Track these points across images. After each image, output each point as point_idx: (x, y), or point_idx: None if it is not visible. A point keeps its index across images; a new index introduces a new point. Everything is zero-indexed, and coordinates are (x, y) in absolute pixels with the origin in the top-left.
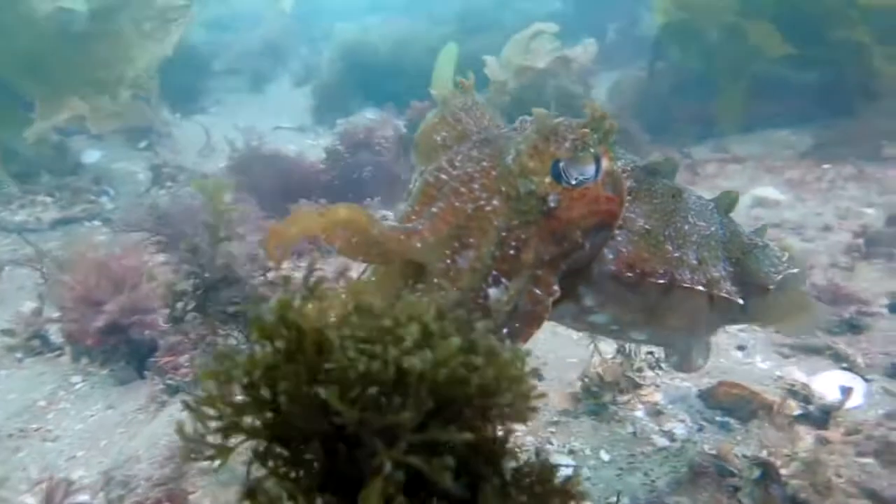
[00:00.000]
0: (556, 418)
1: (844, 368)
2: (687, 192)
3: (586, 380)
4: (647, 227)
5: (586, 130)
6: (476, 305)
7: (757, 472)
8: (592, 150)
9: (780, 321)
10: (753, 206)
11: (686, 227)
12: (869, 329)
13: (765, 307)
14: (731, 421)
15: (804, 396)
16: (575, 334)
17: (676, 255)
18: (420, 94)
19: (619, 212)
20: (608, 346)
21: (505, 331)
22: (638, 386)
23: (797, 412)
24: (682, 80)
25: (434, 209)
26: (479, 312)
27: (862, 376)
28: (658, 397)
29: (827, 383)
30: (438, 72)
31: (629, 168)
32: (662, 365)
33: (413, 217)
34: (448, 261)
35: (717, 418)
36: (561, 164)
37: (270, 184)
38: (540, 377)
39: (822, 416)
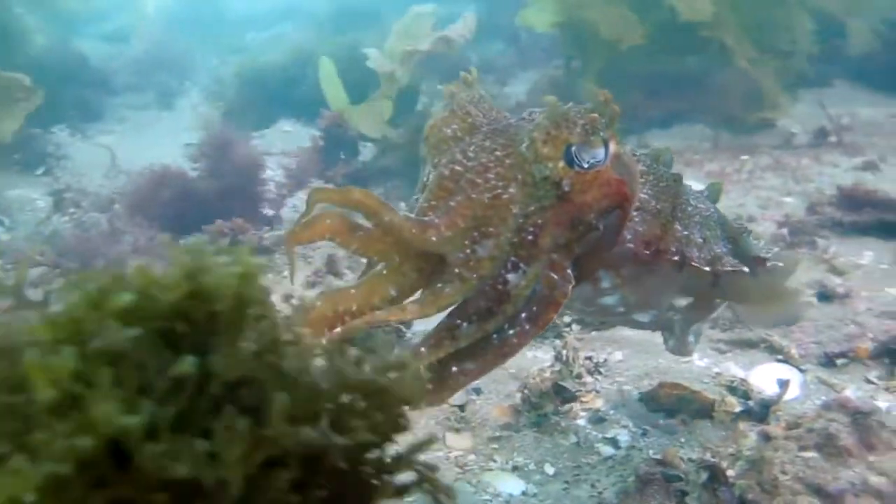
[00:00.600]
0: (497, 433)
1: (780, 360)
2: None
3: (526, 391)
4: (658, 207)
5: (595, 115)
6: (496, 292)
7: (704, 476)
8: (602, 134)
9: (770, 302)
10: None
11: (689, 208)
12: (800, 320)
13: (762, 285)
14: (674, 423)
15: (744, 392)
16: None
17: (685, 233)
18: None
19: (631, 193)
20: (545, 354)
21: (523, 315)
22: (574, 398)
23: (738, 409)
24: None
25: (452, 202)
26: (499, 298)
27: (797, 367)
28: (599, 403)
29: (764, 377)
30: (329, 90)
31: (637, 153)
32: (601, 370)
33: (429, 211)
34: (468, 251)
35: (661, 421)
36: (573, 149)
37: (170, 208)
38: (478, 391)
39: (762, 412)
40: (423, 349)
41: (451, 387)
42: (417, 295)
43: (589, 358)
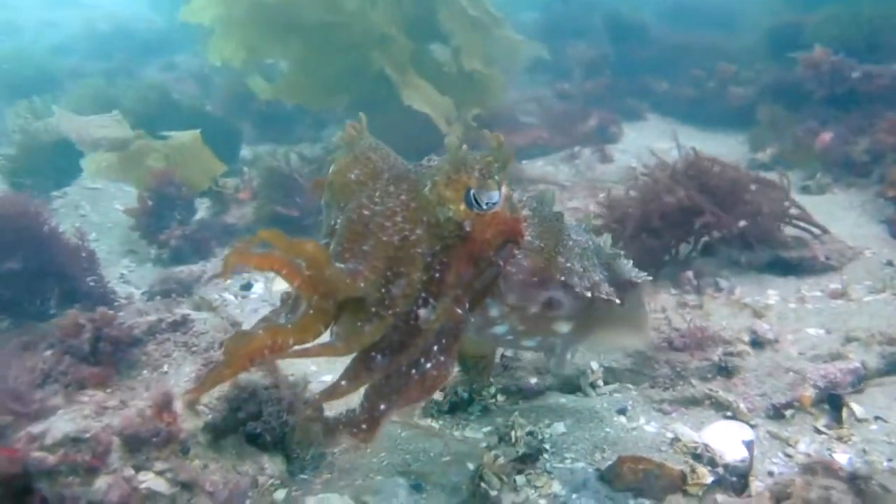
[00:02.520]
0: None
1: (729, 417)
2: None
3: (479, 482)
4: (541, 245)
5: (490, 160)
6: (408, 326)
7: None
8: (496, 178)
9: (629, 329)
10: None
11: (570, 242)
12: (739, 370)
13: (626, 313)
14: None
15: (709, 459)
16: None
17: (567, 265)
18: None
19: (521, 229)
20: (474, 434)
21: (435, 348)
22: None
23: (710, 479)
24: None
25: (365, 247)
26: (411, 332)
27: (747, 423)
28: (556, 487)
29: (720, 437)
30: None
31: (524, 199)
32: (546, 446)
33: (346, 255)
34: (383, 290)
35: (630, 502)
36: (472, 192)
37: None
38: (419, 488)
39: (739, 481)
40: (342, 382)
41: (381, 422)
42: (329, 334)
43: (531, 433)
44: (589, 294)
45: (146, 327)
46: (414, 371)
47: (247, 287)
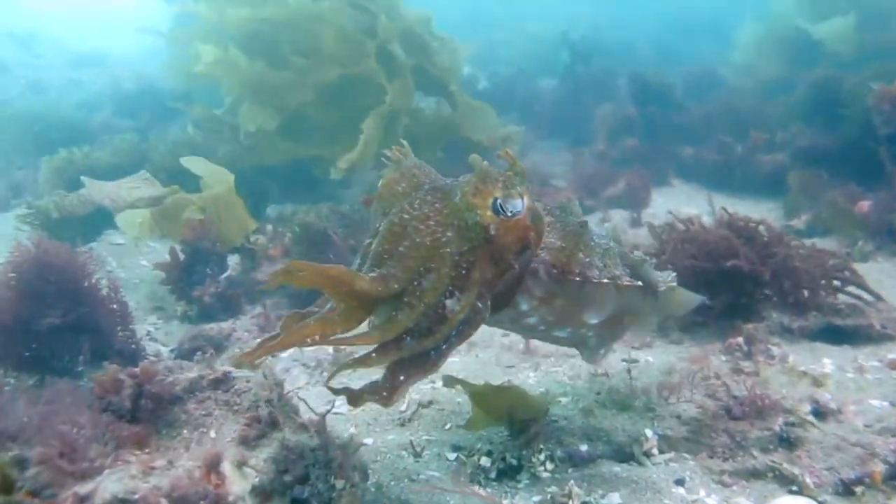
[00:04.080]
0: None
1: (794, 492)
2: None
3: None
4: (562, 244)
5: (510, 173)
6: (437, 315)
7: None
8: (518, 189)
9: (669, 312)
10: None
11: (591, 243)
12: (803, 442)
13: (658, 304)
14: None
15: None
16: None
17: (587, 260)
18: None
19: (539, 237)
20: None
21: (453, 333)
22: None
23: None
24: None
25: (401, 248)
26: (439, 320)
27: (814, 498)
28: None
29: None
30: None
31: (548, 207)
32: None
33: (384, 256)
34: (415, 283)
35: None
36: (498, 201)
37: None
38: None
39: None
40: (373, 355)
41: (401, 391)
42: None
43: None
44: (607, 280)
45: (187, 384)
46: (433, 352)
47: None
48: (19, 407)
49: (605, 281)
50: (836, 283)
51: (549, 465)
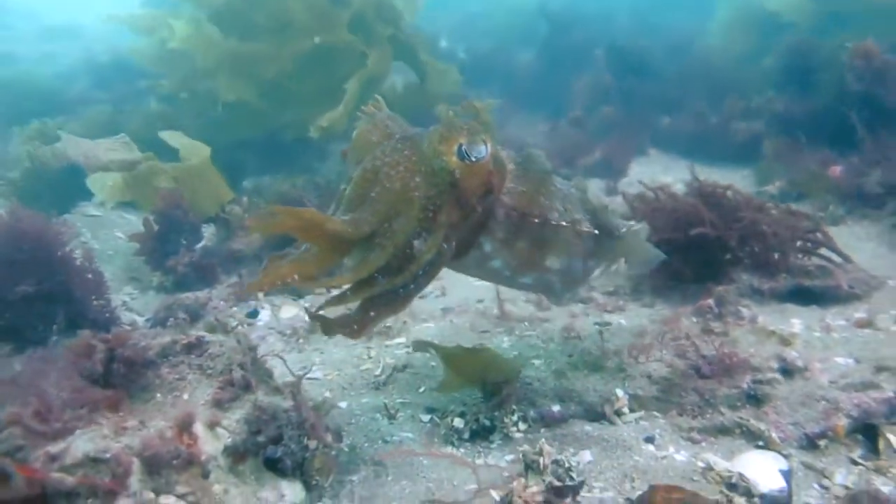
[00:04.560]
0: None
1: (761, 447)
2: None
3: None
4: (523, 189)
5: (475, 122)
6: (406, 255)
7: None
8: (481, 136)
9: (627, 258)
10: None
11: (553, 188)
12: (770, 398)
13: (616, 247)
14: None
15: (745, 489)
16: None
17: (547, 202)
18: None
19: (501, 182)
20: (496, 461)
21: (420, 272)
22: None
23: None
24: None
25: (373, 193)
26: (407, 259)
27: (780, 452)
28: None
29: (754, 467)
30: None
31: (513, 156)
32: (572, 474)
33: (356, 201)
34: (386, 225)
35: None
36: (463, 147)
37: None
38: None
39: None
40: (348, 293)
41: (369, 326)
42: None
43: (557, 462)
44: (566, 223)
45: (159, 349)
46: (402, 291)
47: (253, 314)
48: None
49: (564, 224)
50: (806, 245)
51: (522, 426)
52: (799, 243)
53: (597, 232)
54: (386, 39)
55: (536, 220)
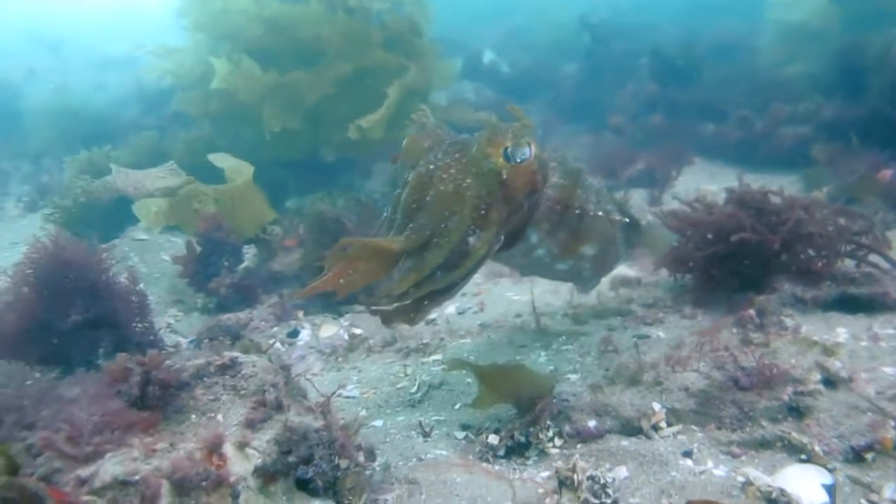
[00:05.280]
0: None
1: (804, 460)
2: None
3: None
4: (564, 182)
5: (518, 125)
6: (461, 251)
7: None
8: (525, 139)
9: (649, 246)
10: (616, 287)
11: (587, 184)
12: (813, 410)
13: (641, 237)
14: None
15: None
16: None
17: (584, 196)
18: None
19: (545, 179)
20: (529, 474)
21: (474, 266)
22: None
23: None
24: None
25: (427, 197)
26: (463, 255)
27: (824, 466)
28: None
29: (795, 482)
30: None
31: (550, 157)
32: (608, 491)
33: (413, 206)
34: (442, 225)
35: None
36: (508, 149)
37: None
38: None
39: None
40: (411, 290)
41: (424, 314)
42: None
43: (592, 478)
44: (602, 213)
45: (194, 371)
46: (458, 282)
47: (293, 334)
48: (38, 398)
49: (600, 214)
50: (855, 248)
51: (558, 441)
52: (848, 246)
53: (627, 220)
54: (424, 54)
55: (577, 212)
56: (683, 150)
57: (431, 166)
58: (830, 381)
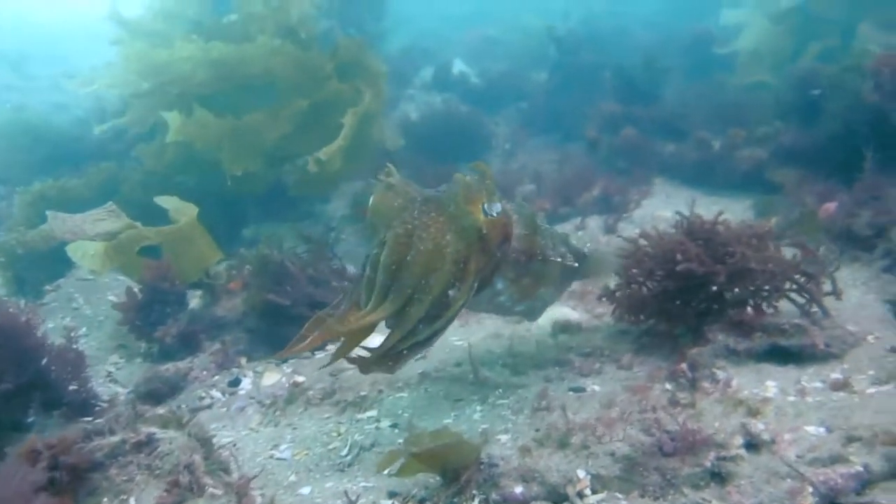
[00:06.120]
0: None
1: None
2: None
3: None
4: (525, 233)
5: (488, 183)
6: (441, 304)
7: None
8: (496, 195)
9: (594, 274)
10: (556, 334)
11: (543, 229)
12: (734, 476)
13: (586, 267)
14: None
15: None
16: None
17: (543, 243)
18: None
19: (511, 230)
20: None
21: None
22: None
23: None
24: None
25: (408, 257)
26: (444, 307)
27: None
28: None
29: None
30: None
31: (510, 205)
32: None
33: (393, 267)
34: (423, 282)
35: None
36: (485, 206)
37: None
38: None
39: None
40: (398, 345)
41: (404, 361)
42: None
43: None
44: (560, 259)
45: (109, 450)
46: (438, 332)
47: (235, 383)
48: None
49: (558, 259)
50: (794, 287)
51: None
52: (790, 285)
53: (576, 265)
54: (379, 76)
55: (540, 258)
56: (644, 173)
57: (409, 226)
58: (753, 445)
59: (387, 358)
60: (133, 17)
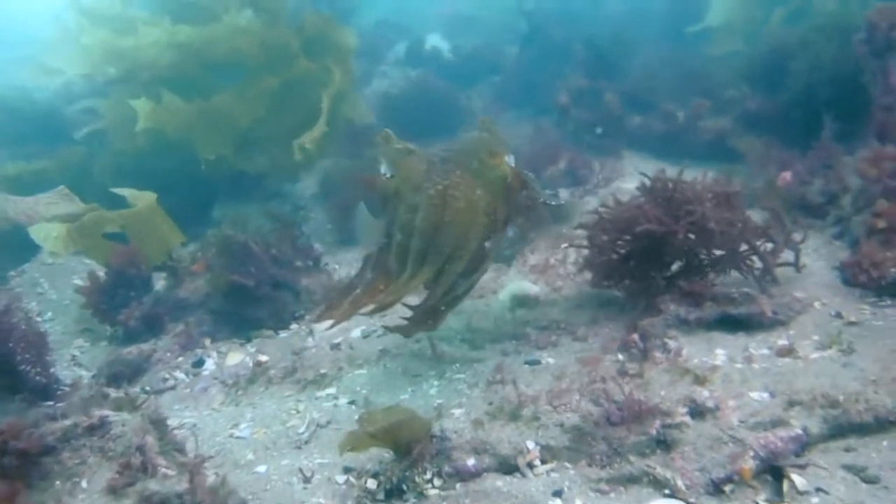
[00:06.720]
0: None
1: (668, 496)
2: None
3: None
4: (527, 180)
5: (501, 138)
6: (479, 255)
7: None
8: (508, 149)
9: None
10: (514, 308)
11: (531, 176)
12: (678, 443)
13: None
14: None
15: None
16: None
17: (537, 188)
18: None
19: (524, 179)
20: None
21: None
22: None
23: None
24: None
25: (446, 217)
26: (481, 258)
27: (685, 500)
28: None
29: None
30: None
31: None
32: None
33: (431, 229)
34: (462, 240)
35: None
36: (506, 158)
37: None
38: None
39: None
40: (438, 304)
41: (443, 318)
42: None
43: None
44: (551, 202)
45: (61, 433)
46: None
47: (198, 364)
48: None
49: (552, 202)
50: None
51: (438, 482)
52: (745, 245)
53: (553, 203)
54: (349, 52)
55: (541, 201)
56: (612, 143)
57: (440, 186)
58: (698, 412)
59: (427, 316)
60: (91, 2)
